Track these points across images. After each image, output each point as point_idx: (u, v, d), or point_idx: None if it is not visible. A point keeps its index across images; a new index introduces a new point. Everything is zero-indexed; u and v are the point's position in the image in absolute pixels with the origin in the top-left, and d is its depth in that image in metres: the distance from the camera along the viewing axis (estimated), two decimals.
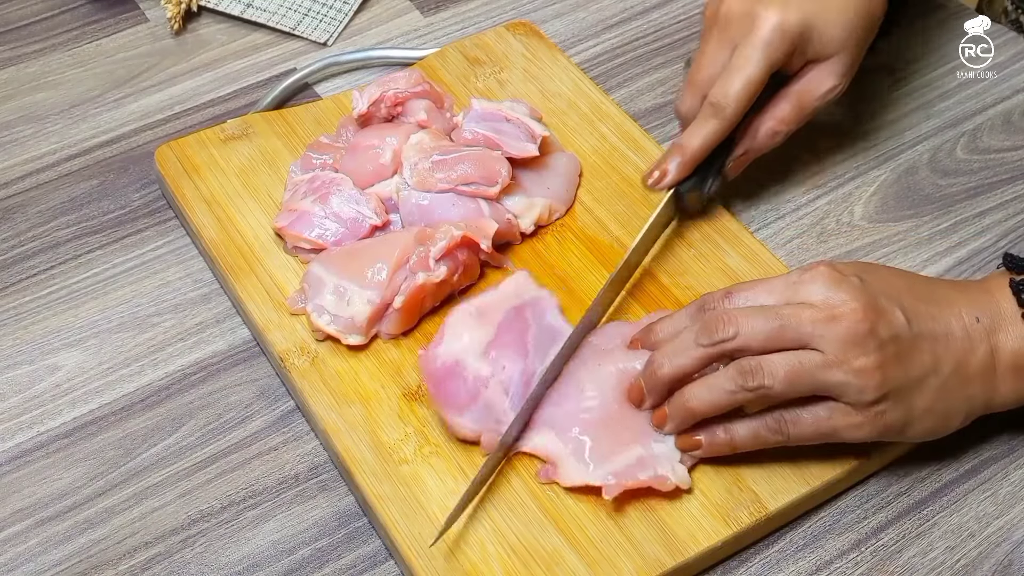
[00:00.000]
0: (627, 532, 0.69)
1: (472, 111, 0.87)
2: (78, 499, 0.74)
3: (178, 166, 0.88)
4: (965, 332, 0.69)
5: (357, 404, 0.75)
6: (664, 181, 0.81)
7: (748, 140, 0.83)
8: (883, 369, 0.66)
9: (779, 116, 0.82)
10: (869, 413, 0.67)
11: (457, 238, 0.78)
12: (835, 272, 0.68)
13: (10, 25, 1.04)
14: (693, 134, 0.80)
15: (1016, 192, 0.90)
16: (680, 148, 0.80)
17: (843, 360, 0.66)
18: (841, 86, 0.83)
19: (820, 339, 0.66)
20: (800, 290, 0.68)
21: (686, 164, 0.80)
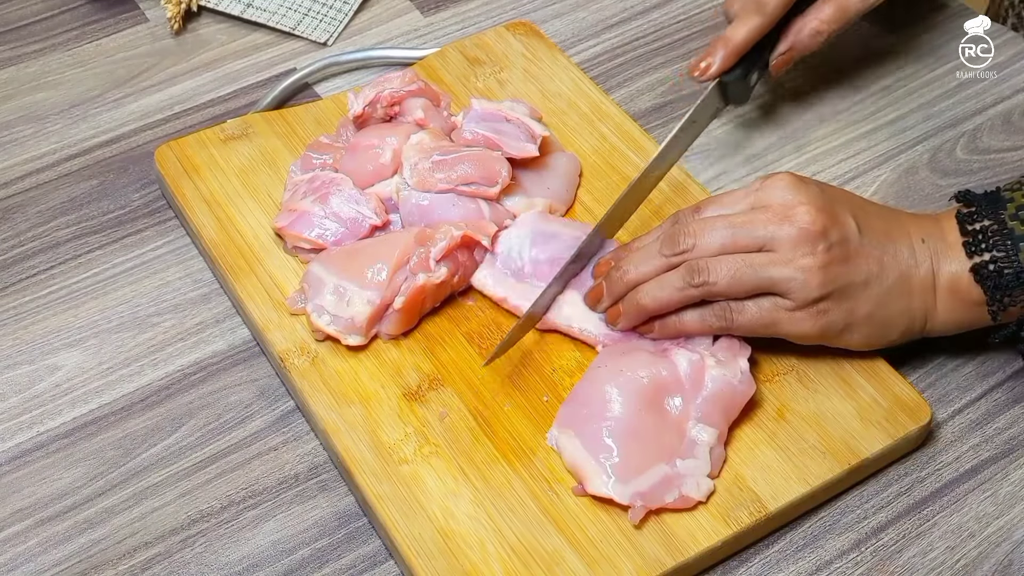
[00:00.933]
0: (627, 532, 0.69)
1: (472, 111, 0.87)
2: (78, 499, 0.74)
3: (178, 166, 0.88)
4: (911, 249, 0.73)
5: (357, 404, 0.75)
6: (709, 72, 0.85)
7: (792, 38, 0.87)
8: (827, 268, 0.70)
9: (822, 17, 0.87)
10: (811, 310, 0.71)
11: (457, 238, 0.78)
12: (795, 177, 0.73)
13: (10, 25, 1.04)
14: (737, 28, 0.85)
15: None
16: (724, 40, 0.85)
17: (790, 258, 0.70)
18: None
19: (771, 240, 0.71)
20: (761, 195, 0.73)
21: (729, 55, 0.85)
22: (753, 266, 0.71)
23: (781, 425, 0.74)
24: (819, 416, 0.74)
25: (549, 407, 0.75)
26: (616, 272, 0.75)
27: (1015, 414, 0.77)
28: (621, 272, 0.75)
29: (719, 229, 0.72)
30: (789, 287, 0.70)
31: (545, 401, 0.75)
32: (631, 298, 0.74)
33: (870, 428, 0.73)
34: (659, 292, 0.73)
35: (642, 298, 0.74)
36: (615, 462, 0.70)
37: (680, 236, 0.73)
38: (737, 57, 0.86)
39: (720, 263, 0.71)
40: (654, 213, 0.85)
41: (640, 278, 0.74)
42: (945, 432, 0.77)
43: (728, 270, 0.71)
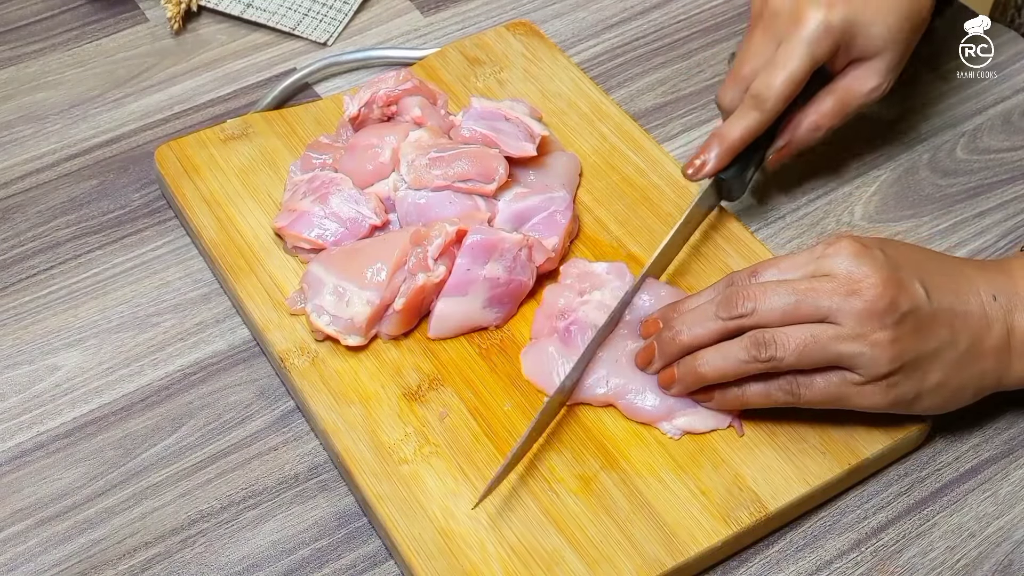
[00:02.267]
0: (627, 532, 0.69)
1: (471, 110, 0.87)
2: (78, 499, 0.74)
3: (178, 166, 0.88)
4: (982, 309, 0.70)
5: (357, 404, 0.75)
6: (703, 171, 0.82)
7: (790, 133, 0.84)
8: (899, 343, 0.67)
9: (822, 111, 0.84)
10: (881, 384, 0.68)
11: (451, 234, 0.78)
12: (858, 244, 0.69)
13: (10, 25, 1.04)
14: (733, 125, 0.82)
15: (1016, 192, 0.90)
16: (720, 138, 0.82)
17: (860, 333, 0.67)
18: (885, 85, 0.84)
19: (838, 312, 0.67)
20: (823, 263, 0.69)
21: (724, 154, 0.82)
22: (821, 341, 0.67)
23: (781, 425, 0.74)
24: (819, 416, 0.74)
25: None
26: (668, 333, 0.72)
27: (1015, 414, 0.77)
28: (673, 333, 0.71)
29: (781, 295, 0.68)
30: (858, 362, 0.67)
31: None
32: (688, 364, 0.71)
33: (870, 428, 0.73)
34: (721, 362, 0.70)
35: (701, 366, 0.70)
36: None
37: (739, 299, 0.69)
38: (733, 155, 0.82)
39: (787, 336, 0.68)
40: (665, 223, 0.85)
41: (694, 341, 0.71)
42: (945, 432, 0.77)
43: (796, 345, 0.67)
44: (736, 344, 0.69)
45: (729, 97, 0.84)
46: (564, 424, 0.74)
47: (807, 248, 0.71)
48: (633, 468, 0.72)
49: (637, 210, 0.86)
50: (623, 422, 0.74)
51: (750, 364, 0.69)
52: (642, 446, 0.73)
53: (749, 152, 0.83)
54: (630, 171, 0.89)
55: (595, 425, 0.74)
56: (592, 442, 0.73)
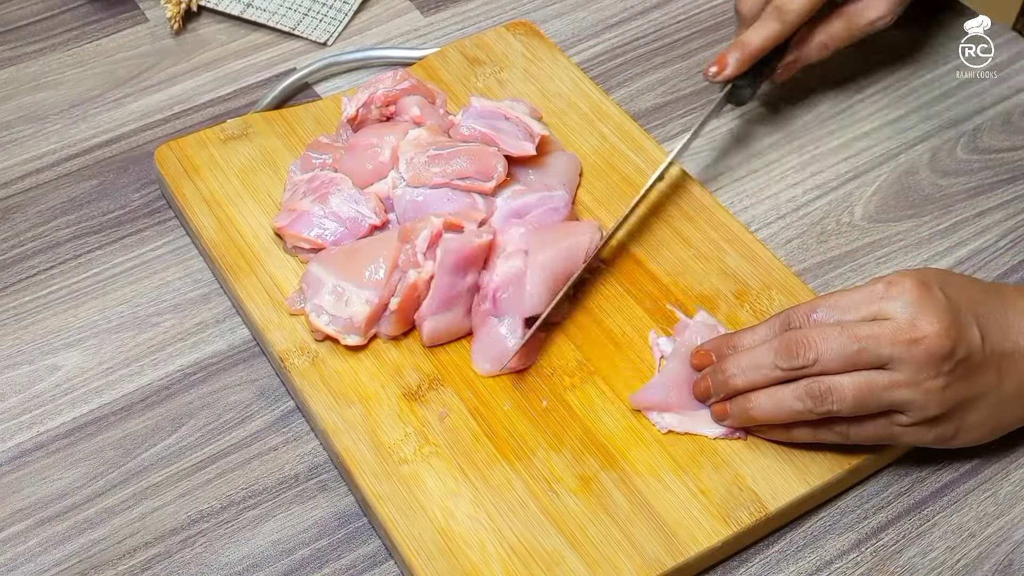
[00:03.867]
0: (627, 532, 0.69)
1: (471, 108, 0.87)
2: (78, 499, 0.74)
3: (178, 166, 0.88)
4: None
5: (357, 404, 0.75)
6: (724, 74, 0.86)
7: (799, 48, 0.89)
8: (950, 389, 0.68)
9: (830, 31, 0.89)
10: (925, 425, 0.69)
11: (438, 226, 0.78)
12: (920, 286, 0.68)
13: (10, 25, 1.04)
14: (754, 33, 0.86)
15: (1016, 192, 0.90)
16: (741, 45, 0.86)
17: (914, 381, 0.67)
18: (891, 15, 0.89)
19: (897, 360, 0.67)
20: (885, 306, 0.68)
21: (744, 60, 0.86)
22: (876, 391, 0.67)
23: None
24: None
25: (549, 409, 0.75)
26: (722, 375, 0.71)
27: None
28: (728, 376, 0.71)
29: (842, 343, 0.67)
30: (909, 407, 0.68)
31: (544, 405, 0.75)
32: (741, 405, 0.71)
33: None
34: (774, 409, 0.70)
35: (752, 409, 0.70)
36: None
37: (799, 348, 0.68)
38: (752, 62, 0.86)
39: (844, 390, 0.67)
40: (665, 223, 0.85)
41: (748, 386, 0.71)
42: None
43: (853, 397, 0.67)
44: (790, 390, 0.69)
45: (749, 4, 0.88)
46: (564, 424, 0.74)
47: (867, 285, 0.70)
48: (633, 468, 0.72)
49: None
50: (623, 422, 0.74)
51: (804, 415, 0.69)
52: (642, 446, 0.73)
53: (762, 62, 0.87)
54: (630, 171, 0.89)
55: (595, 425, 0.74)
56: (592, 442, 0.73)
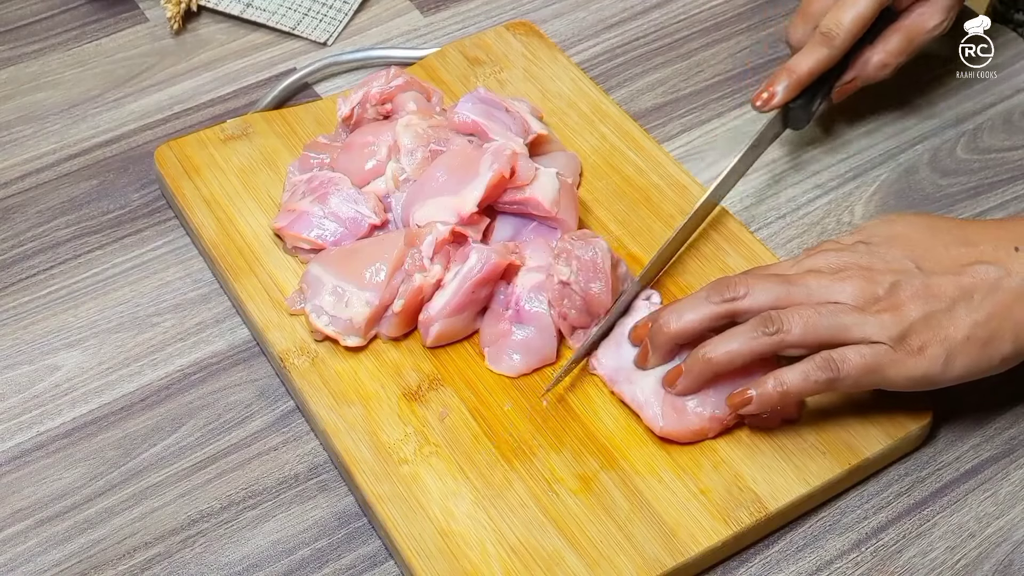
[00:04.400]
0: (627, 532, 0.69)
1: (474, 93, 0.86)
2: (78, 499, 0.74)
3: (178, 166, 0.88)
4: (998, 260, 0.70)
5: (357, 404, 0.75)
6: (772, 102, 0.86)
7: (858, 69, 0.88)
8: (901, 308, 0.69)
9: (889, 49, 0.88)
10: (904, 348, 0.68)
11: (444, 233, 0.78)
12: (838, 244, 0.73)
13: (10, 25, 1.04)
14: (802, 59, 0.85)
15: (1016, 192, 0.90)
16: (789, 71, 0.85)
17: (858, 307, 0.69)
18: (947, 22, 0.88)
19: (831, 295, 0.69)
20: (806, 262, 0.72)
21: (793, 86, 0.85)
22: (824, 314, 0.68)
23: (781, 425, 0.74)
24: (819, 416, 0.74)
25: (549, 409, 0.75)
26: (656, 326, 0.72)
27: (1015, 414, 0.77)
28: (663, 322, 0.72)
29: (773, 282, 0.71)
30: (868, 331, 0.68)
31: (545, 405, 0.75)
32: (694, 355, 0.71)
33: (870, 428, 0.73)
34: (728, 343, 0.70)
35: (709, 352, 0.70)
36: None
37: (729, 284, 0.71)
38: (801, 88, 0.86)
39: (789, 312, 0.69)
40: (665, 223, 0.85)
41: (684, 328, 0.71)
42: (945, 432, 0.77)
43: (799, 317, 0.68)
44: (741, 327, 0.70)
45: (799, 33, 0.88)
46: (564, 424, 0.74)
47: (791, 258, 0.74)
48: (633, 468, 0.72)
49: (637, 210, 0.86)
50: (623, 422, 0.74)
51: (758, 339, 0.69)
52: (642, 446, 0.73)
53: (816, 84, 0.87)
54: (630, 171, 0.89)
55: (595, 425, 0.74)
56: (592, 442, 0.73)
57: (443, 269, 0.78)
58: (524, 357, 0.77)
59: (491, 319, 0.78)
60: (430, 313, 0.77)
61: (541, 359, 0.77)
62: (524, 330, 0.77)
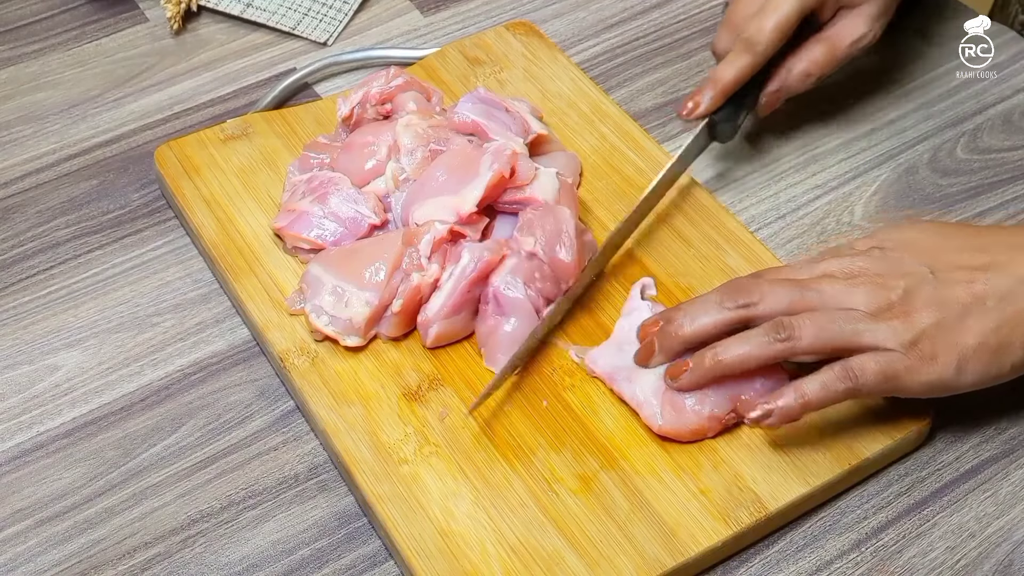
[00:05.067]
0: (627, 532, 0.69)
1: (474, 92, 0.86)
2: (78, 499, 0.74)
3: (178, 166, 0.88)
4: (1011, 268, 0.70)
5: (357, 404, 0.75)
6: (697, 111, 0.85)
7: (781, 79, 0.87)
8: (913, 314, 0.69)
9: (812, 59, 0.87)
10: (916, 355, 0.68)
11: (442, 232, 0.78)
12: (851, 249, 0.72)
13: (10, 25, 1.04)
14: (726, 68, 0.85)
15: (1016, 192, 0.90)
16: (713, 80, 0.85)
17: (870, 313, 0.69)
18: (872, 33, 0.87)
19: (844, 300, 0.69)
20: (819, 266, 0.72)
21: (718, 96, 0.85)
22: (836, 320, 0.68)
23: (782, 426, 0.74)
24: (819, 416, 0.74)
25: (549, 409, 0.75)
26: (668, 327, 0.72)
27: (1015, 414, 0.77)
28: (675, 326, 0.72)
29: (787, 288, 0.70)
30: (880, 337, 0.68)
31: (545, 406, 0.75)
32: (703, 354, 0.71)
33: (870, 428, 0.73)
34: (740, 347, 0.70)
35: (719, 354, 0.70)
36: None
37: (743, 288, 0.71)
38: (726, 97, 0.85)
39: (802, 318, 0.69)
40: (655, 214, 0.85)
41: (696, 330, 0.71)
42: (945, 432, 0.77)
43: (810, 322, 0.68)
44: (753, 331, 0.70)
45: (723, 43, 0.87)
46: (564, 424, 0.74)
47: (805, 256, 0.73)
48: (633, 468, 0.72)
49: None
50: (623, 422, 0.74)
51: (770, 345, 0.69)
52: (642, 446, 0.73)
53: (741, 95, 0.86)
54: (630, 171, 0.89)
55: (595, 425, 0.74)
56: (592, 442, 0.73)
57: (440, 268, 0.78)
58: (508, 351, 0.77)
59: (481, 317, 0.78)
60: (428, 315, 0.77)
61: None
62: (510, 322, 0.77)
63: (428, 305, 0.77)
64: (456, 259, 0.77)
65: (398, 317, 0.77)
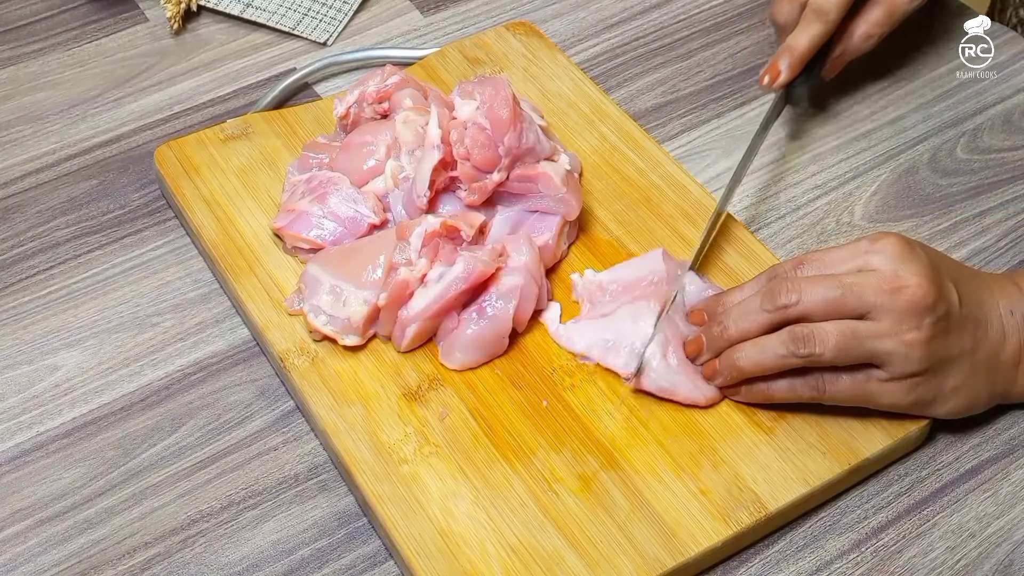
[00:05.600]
0: (627, 532, 0.69)
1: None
2: (78, 499, 0.74)
3: (178, 166, 0.88)
4: (1000, 322, 0.73)
5: (357, 404, 0.75)
6: (779, 80, 0.88)
7: (844, 43, 0.91)
8: (930, 344, 0.69)
9: (872, 20, 0.90)
10: (905, 383, 0.70)
11: (435, 226, 0.78)
12: (905, 243, 0.71)
13: (10, 25, 1.04)
14: (800, 36, 0.88)
15: (1016, 192, 0.90)
16: (790, 50, 0.88)
17: (896, 332, 0.69)
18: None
19: (879, 309, 0.69)
20: (869, 259, 0.71)
21: (795, 64, 0.88)
22: (859, 337, 0.69)
23: (781, 425, 0.74)
24: (819, 416, 0.74)
25: (550, 409, 0.75)
26: (716, 328, 0.73)
27: (1015, 414, 0.77)
28: (721, 328, 0.73)
29: (827, 287, 0.70)
30: (890, 360, 0.69)
31: (544, 405, 0.75)
32: (728, 357, 0.72)
33: (870, 428, 0.73)
34: (759, 356, 0.71)
35: (740, 360, 0.72)
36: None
37: (783, 290, 0.71)
38: (803, 65, 0.88)
39: (826, 332, 0.69)
40: (665, 223, 0.85)
41: (741, 335, 0.72)
42: (945, 432, 0.77)
43: (835, 341, 0.69)
44: (774, 338, 0.71)
45: (785, 13, 0.90)
46: (564, 424, 0.74)
47: (852, 242, 0.72)
48: (633, 468, 0.72)
49: (637, 210, 0.86)
50: (623, 422, 0.74)
51: (788, 359, 0.70)
52: (642, 446, 0.73)
53: (810, 62, 0.89)
54: (630, 171, 0.89)
55: (595, 425, 0.74)
56: (592, 442, 0.73)
57: (429, 263, 0.77)
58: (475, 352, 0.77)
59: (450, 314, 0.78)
60: (409, 313, 0.77)
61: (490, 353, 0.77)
62: (478, 325, 0.77)
63: (411, 303, 0.77)
64: (448, 259, 0.77)
65: (385, 312, 0.77)
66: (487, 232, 0.81)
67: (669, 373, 0.74)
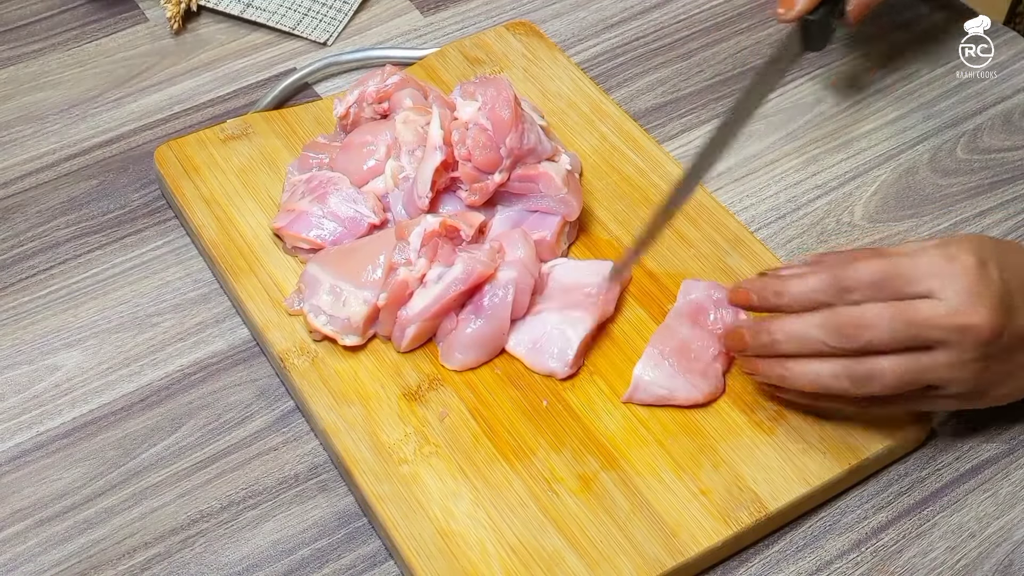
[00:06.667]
0: (627, 532, 0.69)
1: None
2: (78, 499, 0.74)
3: (178, 166, 0.88)
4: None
5: (357, 404, 0.75)
6: (795, 9, 0.82)
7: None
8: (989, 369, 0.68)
9: None
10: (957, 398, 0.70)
11: (434, 226, 0.78)
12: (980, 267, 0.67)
13: (10, 25, 1.04)
14: None
15: (1016, 192, 0.90)
16: None
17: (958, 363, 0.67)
18: None
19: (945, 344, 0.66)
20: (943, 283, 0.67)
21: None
22: (919, 373, 0.67)
23: (781, 425, 0.74)
24: (819, 416, 0.74)
25: (550, 409, 0.75)
26: (767, 337, 0.70)
27: (1015, 414, 0.77)
28: (773, 339, 0.70)
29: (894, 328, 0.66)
30: (948, 384, 0.68)
31: (544, 405, 0.75)
32: (776, 370, 0.70)
33: (870, 428, 0.73)
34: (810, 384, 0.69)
35: (789, 378, 0.70)
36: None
37: (853, 331, 0.67)
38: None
39: (885, 374, 0.67)
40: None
41: (794, 353, 0.70)
42: (945, 432, 0.77)
43: (894, 382, 0.67)
44: (829, 369, 0.68)
45: None
46: (564, 424, 0.74)
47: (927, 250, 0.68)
48: (633, 468, 0.72)
49: (637, 210, 0.86)
50: (623, 422, 0.74)
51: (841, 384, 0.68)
52: (642, 446, 0.73)
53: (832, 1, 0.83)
54: (630, 171, 0.89)
55: (595, 425, 0.74)
56: (592, 442, 0.73)
57: (428, 263, 0.77)
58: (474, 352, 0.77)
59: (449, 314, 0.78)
60: (408, 313, 0.77)
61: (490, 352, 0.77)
62: (476, 324, 0.77)
63: (410, 304, 0.77)
64: (446, 260, 0.77)
65: (385, 312, 0.77)
66: (487, 232, 0.82)
67: (665, 378, 0.74)
